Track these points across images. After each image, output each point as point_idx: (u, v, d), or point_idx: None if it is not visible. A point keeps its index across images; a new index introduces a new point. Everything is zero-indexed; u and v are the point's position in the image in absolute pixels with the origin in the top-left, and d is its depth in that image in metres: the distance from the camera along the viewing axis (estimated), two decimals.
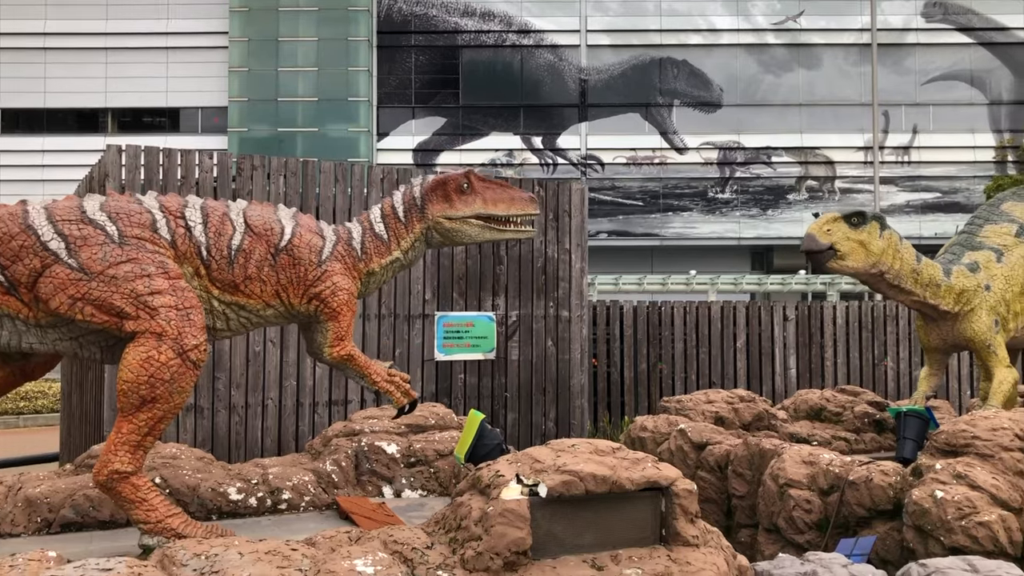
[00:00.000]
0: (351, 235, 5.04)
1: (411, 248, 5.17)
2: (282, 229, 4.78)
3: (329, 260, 4.87)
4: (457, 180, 5.13)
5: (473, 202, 5.11)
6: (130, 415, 4.25)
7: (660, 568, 3.74)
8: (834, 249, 6.43)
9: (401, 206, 5.12)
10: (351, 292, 4.93)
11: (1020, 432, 5.12)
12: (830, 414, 8.01)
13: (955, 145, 44.34)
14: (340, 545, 3.75)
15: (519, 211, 5.17)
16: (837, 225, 6.48)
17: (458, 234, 5.17)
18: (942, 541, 4.79)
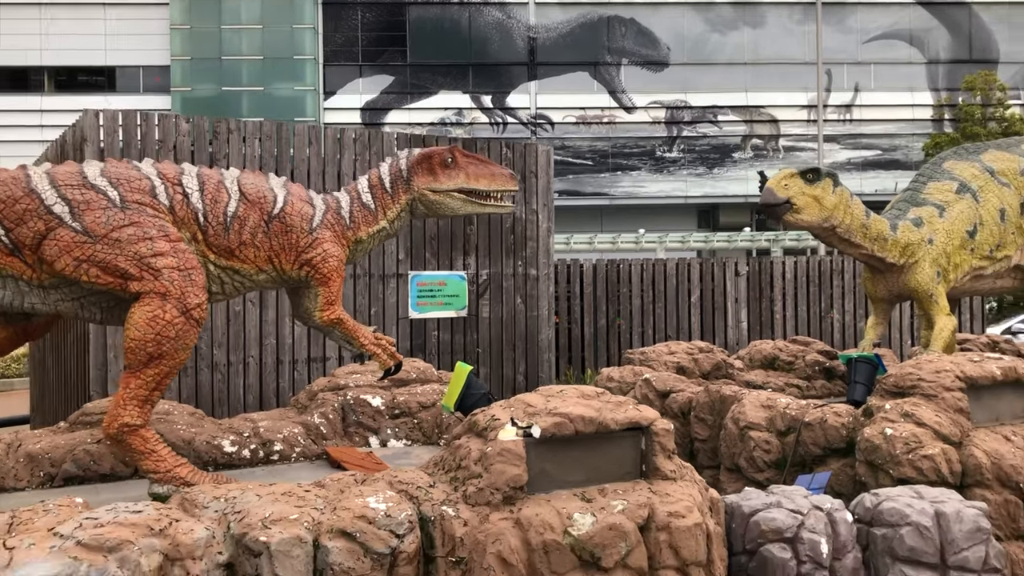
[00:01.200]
0: (340, 204, 5.27)
1: (396, 218, 5.42)
2: (275, 197, 4.98)
3: (320, 228, 5.10)
4: (442, 154, 5.38)
5: (456, 176, 5.38)
6: (137, 371, 4.46)
7: (643, 499, 4.11)
8: (790, 203, 6.83)
9: (388, 177, 5.36)
10: (340, 259, 5.17)
11: (960, 374, 5.60)
12: (783, 363, 8.48)
13: (895, 104, 45.32)
14: (348, 487, 4.04)
15: (499, 187, 5.46)
16: (793, 180, 6.87)
17: (441, 206, 5.44)
18: (891, 473, 5.25)
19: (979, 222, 7.41)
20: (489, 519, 3.86)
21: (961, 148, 8.02)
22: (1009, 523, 5.24)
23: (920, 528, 4.52)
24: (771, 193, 6.83)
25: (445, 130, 42.07)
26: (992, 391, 5.71)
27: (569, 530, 3.87)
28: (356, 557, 3.57)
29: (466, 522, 3.84)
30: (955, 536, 4.51)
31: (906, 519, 4.55)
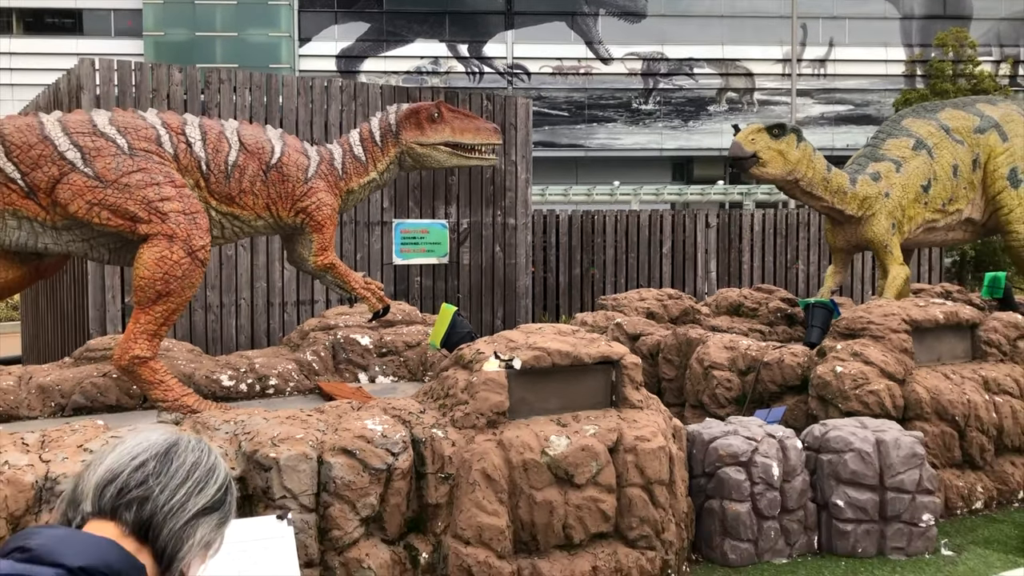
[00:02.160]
0: (333, 156, 5.58)
1: (386, 170, 5.74)
2: (272, 148, 5.29)
3: (314, 178, 5.42)
4: (429, 109, 5.69)
5: (443, 130, 5.70)
6: (147, 307, 4.81)
7: (612, 424, 4.56)
8: (757, 157, 7.23)
9: (378, 131, 5.67)
10: (333, 207, 5.50)
11: (906, 317, 6.07)
12: (747, 309, 8.95)
13: (868, 59, 45.59)
14: (346, 412, 4.44)
15: (483, 140, 5.79)
16: (760, 135, 7.26)
17: (428, 159, 5.77)
18: (839, 407, 5.73)
19: (933, 177, 7.86)
20: (475, 440, 4.29)
21: (919, 106, 8.43)
22: (945, 452, 5.76)
23: (862, 454, 5.01)
24: (739, 147, 7.22)
25: (421, 79, 41.90)
26: (935, 334, 6.20)
27: (546, 450, 4.31)
28: (356, 472, 3.98)
29: (454, 443, 4.26)
30: (893, 461, 5.01)
31: (850, 446, 5.04)
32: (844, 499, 5.00)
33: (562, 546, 4.38)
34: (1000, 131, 8.13)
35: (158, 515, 1.42)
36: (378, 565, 3.99)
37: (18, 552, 1.33)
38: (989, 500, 5.88)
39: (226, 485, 1.55)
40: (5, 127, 4.59)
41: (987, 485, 5.88)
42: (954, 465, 5.83)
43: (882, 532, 5.02)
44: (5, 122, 4.63)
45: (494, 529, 4.16)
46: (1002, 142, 8.10)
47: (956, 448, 5.79)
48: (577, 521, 4.36)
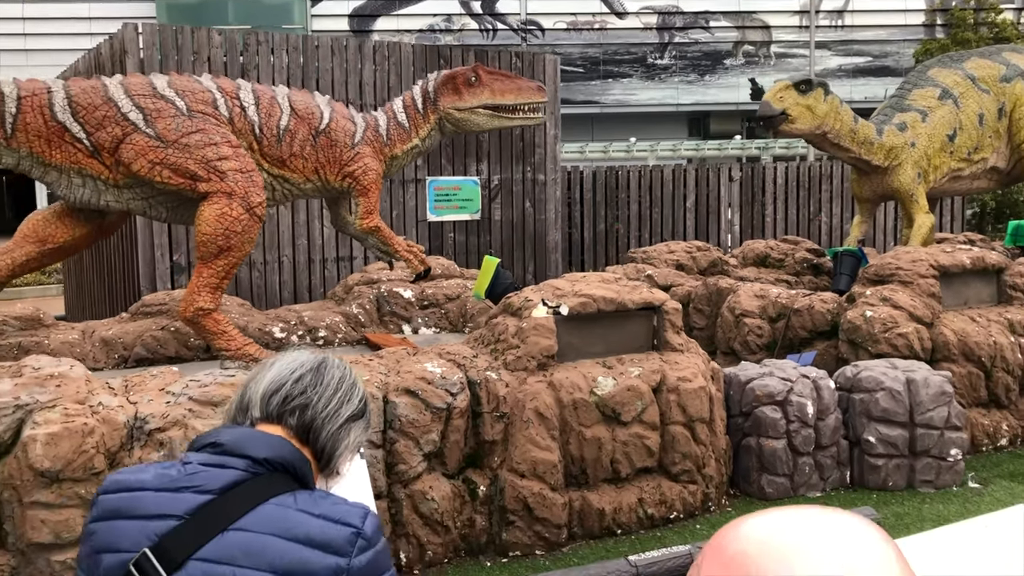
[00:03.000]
0: (378, 123, 5.76)
1: (428, 136, 5.90)
2: (322, 114, 5.48)
3: (361, 144, 5.61)
4: (465, 74, 5.83)
5: (481, 93, 5.82)
6: (209, 262, 5.05)
7: (655, 366, 4.79)
8: (786, 114, 7.36)
9: (420, 98, 5.84)
10: (379, 172, 5.69)
11: (934, 263, 6.25)
12: (774, 260, 9.13)
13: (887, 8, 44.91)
14: (404, 357, 4.69)
15: (526, 99, 5.87)
16: (788, 92, 7.39)
17: (468, 123, 5.87)
18: (869, 350, 5.95)
19: (959, 127, 7.97)
20: (526, 382, 4.53)
21: (946, 56, 8.51)
22: (971, 392, 5.98)
23: (893, 392, 5.23)
24: (768, 106, 7.36)
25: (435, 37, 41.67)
26: (962, 278, 6.38)
27: (594, 390, 4.56)
28: (419, 410, 4.24)
29: (507, 384, 4.51)
30: (922, 399, 5.23)
31: (881, 385, 5.26)
32: (876, 435, 5.23)
33: (610, 479, 4.65)
34: None
35: (317, 420, 1.67)
36: (440, 497, 4.27)
37: (211, 447, 1.58)
38: (1014, 437, 6.10)
39: (365, 397, 1.79)
40: (72, 89, 4.81)
41: (1012, 423, 6.10)
42: (980, 404, 6.05)
43: (912, 466, 5.26)
44: (72, 84, 4.84)
45: (547, 463, 4.43)
46: None
47: (982, 388, 6.01)
48: (624, 456, 4.62)
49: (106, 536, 1.49)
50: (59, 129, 4.76)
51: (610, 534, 4.62)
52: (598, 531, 4.59)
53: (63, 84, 4.83)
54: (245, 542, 1.44)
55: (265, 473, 1.54)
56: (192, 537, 1.45)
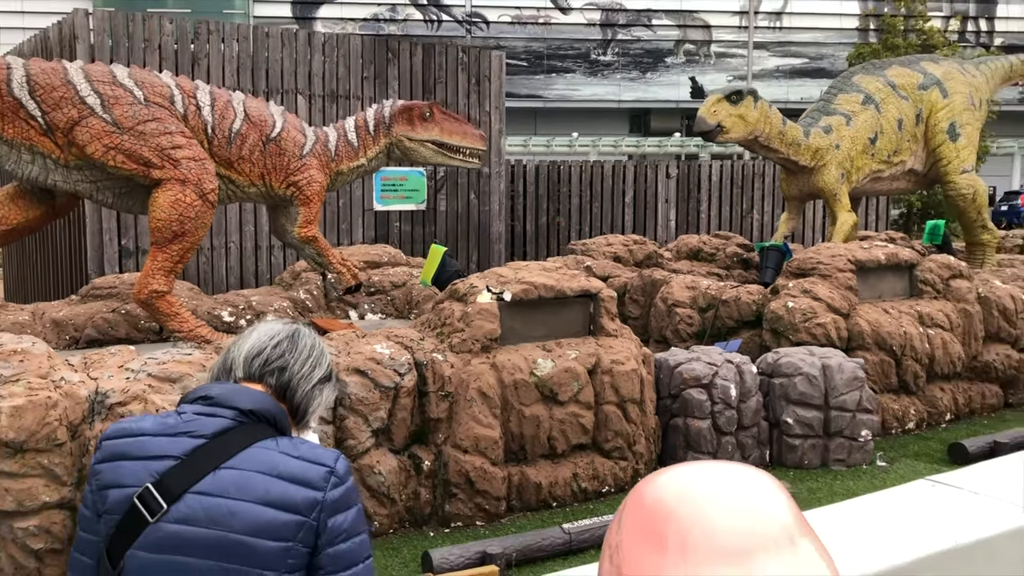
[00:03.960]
0: (328, 138, 6.00)
1: (375, 157, 6.18)
2: (274, 122, 5.68)
3: (309, 155, 5.83)
4: (422, 108, 6.13)
5: (432, 129, 6.14)
6: (164, 247, 5.22)
7: (591, 350, 5.11)
8: (721, 126, 7.76)
9: (372, 121, 6.10)
10: (322, 185, 5.93)
11: (851, 258, 6.69)
12: (706, 254, 9.56)
13: (823, 12, 46.08)
14: (353, 340, 4.92)
15: (469, 144, 6.24)
16: (720, 105, 7.79)
17: (414, 153, 6.21)
18: (790, 338, 6.36)
19: (880, 130, 8.47)
20: (471, 363, 4.81)
21: (869, 64, 9.01)
22: (883, 378, 6.44)
23: (810, 377, 5.64)
24: (703, 121, 7.77)
25: (378, 26, 41.55)
26: (877, 273, 6.84)
27: (534, 371, 4.85)
28: (368, 389, 4.49)
29: (452, 365, 4.78)
30: (836, 383, 5.65)
31: (799, 370, 5.67)
32: (793, 417, 5.63)
33: (547, 455, 4.95)
34: (941, 88, 8.75)
35: (294, 380, 1.92)
36: (387, 471, 4.52)
37: (202, 400, 1.82)
38: (920, 421, 6.58)
39: (331, 364, 2.05)
40: (31, 68, 4.92)
41: (919, 408, 6.58)
42: (891, 390, 6.51)
43: (826, 446, 5.68)
44: (32, 64, 4.95)
45: (489, 440, 4.71)
46: (943, 98, 8.72)
47: (893, 375, 6.47)
48: (560, 433, 4.93)
49: (111, 474, 1.72)
50: (14, 104, 4.86)
51: (546, 506, 4.93)
52: (535, 503, 4.90)
53: (23, 62, 4.94)
54: (235, 478, 1.69)
55: (250, 422, 1.79)
56: (189, 474, 1.69)
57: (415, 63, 9.12)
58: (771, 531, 0.78)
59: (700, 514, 0.79)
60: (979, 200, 8.80)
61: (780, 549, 0.78)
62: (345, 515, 1.75)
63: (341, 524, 1.74)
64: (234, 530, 1.66)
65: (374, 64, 8.74)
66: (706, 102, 7.82)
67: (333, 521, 1.73)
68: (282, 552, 1.67)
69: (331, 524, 1.72)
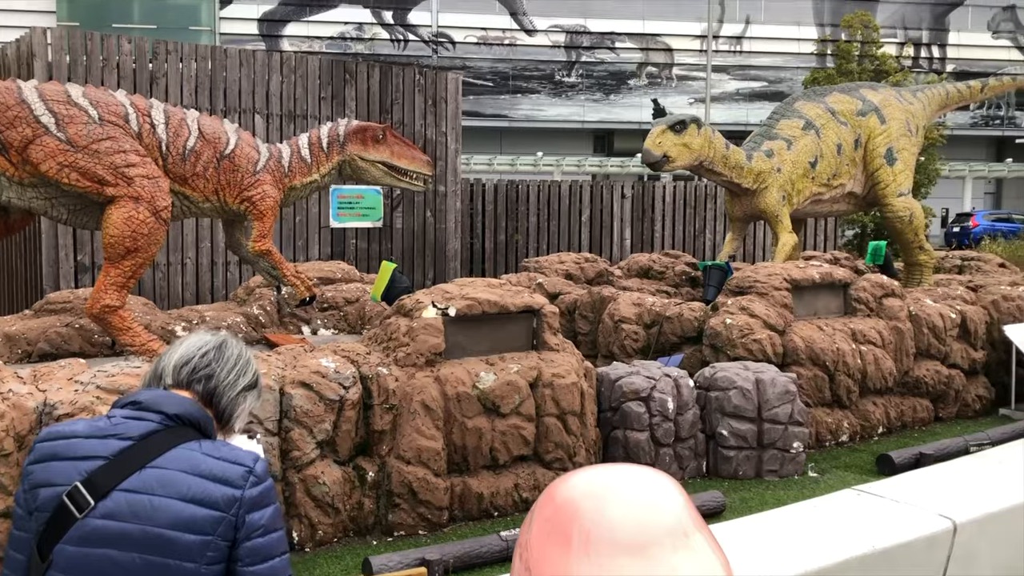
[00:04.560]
0: (281, 154, 6.17)
1: (327, 174, 6.37)
2: (228, 140, 5.84)
3: (262, 171, 5.99)
4: (375, 130, 6.34)
5: (383, 151, 6.37)
6: (117, 262, 5.34)
7: (533, 363, 5.31)
8: (667, 156, 8.04)
9: (326, 139, 6.29)
10: (276, 200, 6.09)
11: (787, 277, 6.97)
12: (656, 272, 9.82)
13: (782, 37, 47.05)
14: (300, 354, 5.08)
15: (417, 168, 6.48)
16: (665, 136, 8.07)
17: (365, 172, 6.44)
18: (728, 354, 6.60)
19: (820, 155, 8.80)
20: (415, 376, 4.98)
21: (811, 90, 9.37)
22: (817, 392, 6.70)
23: (744, 391, 5.88)
24: (649, 152, 8.05)
25: (345, 45, 41.75)
26: (812, 291, 7.12)
27: (476, 384, 5.04)
28: (313, 402, 4.64)
29: (397, 378, 4.94)
30: (769, 397, 5.90)
31: (733, 384, 5.90)
32: (728, 429, 5.87)
33: (489, 466, 5.13)
34: (879, 114, 9.12)
35: (220, 387, 2.09)
36: (331, 481, 4.67)
37: (131, 405, 1.98)
38: (853, 434, 6.85)
39: (257, 372, 2.22)
40: None
41: (852, 421, 6.85)
42: (825, 404, 6.78)
43: (760, 457, 5.92)
44: None
45: (431, 451, 4.88)
46: (880, 124, 9.09)
47: (827, 389, 6.74)
48: (502, 445, 5.11)
49: (43, 474, 1.87)
50: None
51: (488, 516, 5.10)
52: (477, 513, 5.07)
53: None
54: (160, 476, 1.85)
55: (176, 426, 1.95)
56: (116, 472, 1.85)
57: (372, 84, 9.31)
58: (667, 526, 0.84)
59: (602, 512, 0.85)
60: (916, 222, 9.16)
61: (675, 543, 0.84)
62: (263, 512, 1.91)
63: (258, 520, 1.90)
64: (156, 524, 1.82)
65: (332, 85, 8.92)
66: (651, 134, 8.09)
67: (251, 517, 1.89)
68: (202, 545, 1.83)
69: (249, 520, 1.89)
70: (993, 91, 11.10)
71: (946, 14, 47.63)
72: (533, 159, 39.48)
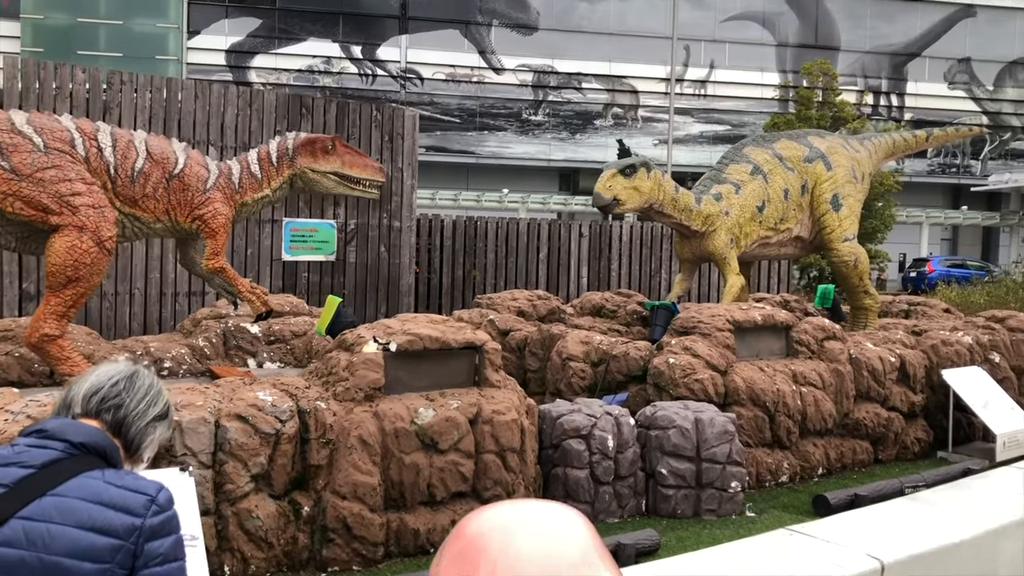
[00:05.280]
0: (231, 171, 6.21)
1: (279, 188, 6.41)
2: (176, 159, 5.87)
3: (212, 189, 6.02)
4: (324, 141, 6.42)
5: (334, 161, 6.44)
6: (58, 291, 5.32)
7: (473, 400, 5.35)
8: (616, 199, 8.19)
9: (275, 153, 6.35)
10: (227, 217, 6.12)
11: (730, 318, 7.10)
12: (608, 311, 9.91)
13: (745, 82, 48.05)
14: (239, 386, 5.07)
15: (369, 176, 6.56)
16: (615, 179, 8.23)
17: (317, 184, 6.50)
18: (671, 393, 6.69)
19: (767, 199, 9.00)
20: (353, 411, 5.00)
21: (759, 136, 9.60)
22: (757, 433, 6.80)
23: (683, 430, 5.96)
24: (599, 196, 8.20)
25: (313, 78, 41.92)
26: (755, 333, 7.25)
27: (415, 420, 5.06)
28: (248, 435, 4.63)
29: (335, 413, 4.96)
30: (708, 436, 5.98)
31: (673, 423, 5.98)
32: (667, 468, 5.93)
33: (426, 502, 5.14)
34: (826, 161, 9.37)
35: (129, 417, 2.12)
36: (265, 515, 4.65)
37: (36, 434, 2.00)
38: (793, 475, 6.95)
39: (168, 403, 2.25)
40: None
41: (792, 462, 6.95)
42: (765, 444, 6.88)
43: (698, 496, 5.98)
44: None
45: (367, 486, 4.88)
46: (827, 171, 9.33)
47: (767, 429, 6.84)
48: (440, 481, 5.13)
49: None
50: None
51: (424, 552, 5.10)
52: (413, 549, 5.06)
53: None
54: (59, 504, 1.87)
55: (81, 454, 1.97)
56: (15, 500, 1.87)
57: (329, 119, 9.40)
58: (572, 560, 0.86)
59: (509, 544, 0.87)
60: (860, 267, 9.38)
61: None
62: (163, 541, 1.94)
63: (158, 549, 1.93)
64: (53, 552, 1.83)
65: (287, 118, 8.99)
66: (601, 177, 8.25)
67: (150, 546, 1.91)
68: (99, 574, 1.85)
69: (148, 548, 1.91)
70: (938, 140, 11.46)
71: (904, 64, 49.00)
72: (498, 195, 39.79)
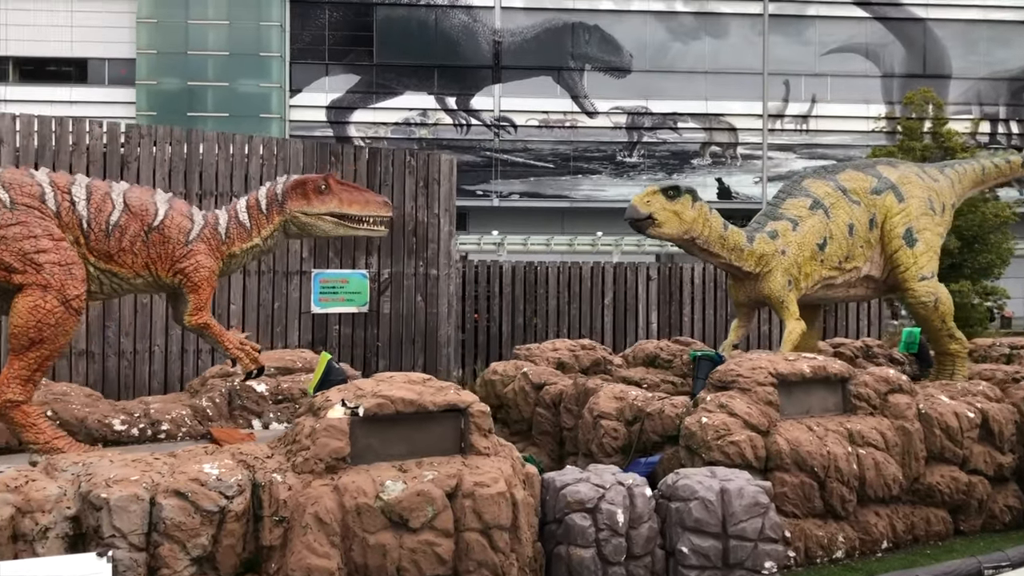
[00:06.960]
0: (218, 221, 5.89)
1: (270, 236, 6.03)
2: (156, 211, 5.58)
3: (195, 241, 5.70)
4: (316, 181, 6.02)
5: (329, 201, 6.00)
6: (21, 354, 5.06)
7: (453, 470, 4.77)
8: (652, 218, 7.53)
9: (264, 200, 5.99)
10: (212, 270, 5.78)
11: (773, 371, 6.30)
12: (663, 361, 9.17)
13: (850, 115, 46.27)
14: (196, 456, 4.65)
15: (372, 212, 6.09)
16: (655, 197, 7.58)
17: (313, 228, 6.06)
18: (703, 457, 5.93)
19: (829, 236, 8.15)
20: (311, 485, 4.49)
21: (821, 168, 8.76)
22: (805, 502, 5.95)
23: (705, 502, 5.20)
24: (635, 209, 7.55)
25: (410, 130, 42.63)
26: (803, 387, 6.42)
27: (380, 495, 4.52)
28: (187, 513, 4.19)
29: (291, 487, 4.47)
30: (735, 509, 5.20)
31: (695, 494, 5.24)
32: (689, 546, 5.18)
33: None
34: (896, 192, 8.44)
35: None
36: None
37: None
38: (851, 549, 6.05)
39: None
40: None
41: (849, 535, 6.05)
42: (815, 515, 6.01)
43: None
44: None
45: (324, 571, 4.35)
46: (898, 203, 8.40)
47: (816, 498, 5.98)
48: (412, 564, 4.55)
49: None
50: None
51: None
52: None
53: None
54: None
55: None
56: None
57: (359, 167, 9.10)
58: None
59: None
60: (942, 308, 8.37)
61: None
62: None
63: None
64: None
65: (315, 167, 8.73)
66: (643, 192, 7.63)
67: None
68: None
69: None
70: None
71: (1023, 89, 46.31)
72: (592, 239, 39.17)
